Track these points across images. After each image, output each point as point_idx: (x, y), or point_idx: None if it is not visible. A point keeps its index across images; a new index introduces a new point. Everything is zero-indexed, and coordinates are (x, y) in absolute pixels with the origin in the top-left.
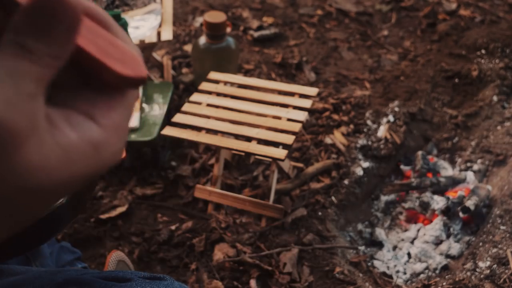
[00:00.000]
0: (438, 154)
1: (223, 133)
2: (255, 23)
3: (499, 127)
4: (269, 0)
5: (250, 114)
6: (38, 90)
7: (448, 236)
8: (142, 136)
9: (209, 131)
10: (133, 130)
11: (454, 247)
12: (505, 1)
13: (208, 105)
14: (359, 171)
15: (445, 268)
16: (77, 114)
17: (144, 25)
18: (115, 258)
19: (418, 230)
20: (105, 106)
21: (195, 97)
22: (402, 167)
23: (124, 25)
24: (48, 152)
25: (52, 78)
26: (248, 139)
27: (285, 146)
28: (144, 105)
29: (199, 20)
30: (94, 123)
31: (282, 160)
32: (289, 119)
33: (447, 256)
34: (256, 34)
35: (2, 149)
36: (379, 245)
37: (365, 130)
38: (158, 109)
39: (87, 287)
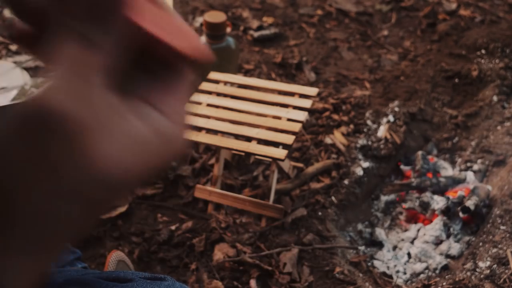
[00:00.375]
0: (438, 154)
1: (223, 133)
2: (255, 23)
3: (499, 127)
4: (269, 0)
5: (250, 114)
6: (102, 80)
7: (448, 236)
8: None
9: (209, 131)
10: None
11: (454, 247)
12: (505, 1)
13: (208, 105)
14: (359, 171)
15: (445, 268)
16: (140, 102)
17: None
18: (115, 258)
19: (418, 230)
20: (166, 93)
21: (195, 97)
22: (402, 167)
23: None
24: (119, 144)
25: (113, 65)
26: (248, 139)
27: (285, 146)
28: None
29: (199, 20)
30: (159, 112)
31: (282, 160)
32: (289, 119)
33: (447, 256)
34: (256, 34)
35: (73, 143)
36: (379, 245)
37: (365, 130)
38: None
39: (88, 287)
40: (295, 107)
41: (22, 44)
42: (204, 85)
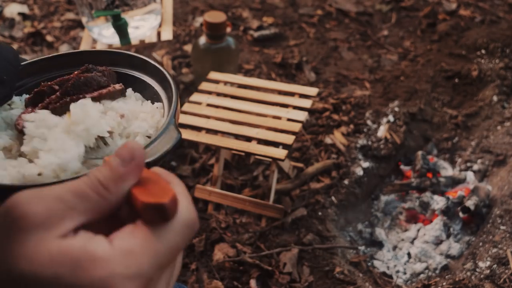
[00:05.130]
0: (438, 154)
1: (223, 133)
2: (255, 23)
3: (499, 127)
4: (269, 0)
5: (250, 114)
6: (83, 210)
7: (448, 236)
8: None
9: (209, 131)
10: None
11: (454, 247)
12: (505, 1)
13: (208, 105)
14: (359, 171)
15: (445, 268)
16: (102, 236)
17: (144, 25)
18: None
19: (418, 230)
20: (128, 233)
21: (195, 97)
22: (402, 167)
23: (124, 25)
24: (46, 248)
25: (105, 209)
26: (248, 139)
27: (285, 146)
28: None
29: (199, 20)
30: (107, 241)
31: (282, 160)
32: (289, 119)
33: (447, 256)
34: (256, 34)
35: (6, 224)
36: (379, 245)
37: (365, 130)
38: None
39: None
40: (295, 107)
41: None
42: (204, 85)
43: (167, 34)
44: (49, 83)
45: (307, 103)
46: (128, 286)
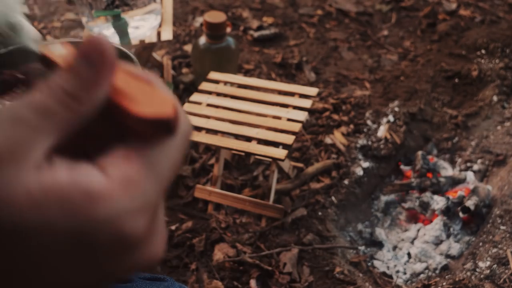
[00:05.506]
0: (438, 154)
1: (223, 133)
2: (255, 23)
3: (499, 127)
4: (269, 0)
5: (250, 114)
6: (51, 129)
7: (448, 236)
8: None
9: (209, 131)
10: None
11: (454, 247)
12: (505, 1)
13: (208, 105)
14: (359, 171)
15: (445, 268)
16: (88, 163)
17: (144, 25)
18: None
19: (418, 230)
20: (121, 157)
21: (195, 97)
22: (402, 167)
23: (124, 25)
24: (23, 186)
25: (75, 125)
26: (248, 139)
27: (285, 146)
28: None
29: (199, 20)
30: (100, 171)
31: (282, 160)
32: (289, 119)
33: (447, 256)
34: (256, 34)
35: None
36: (379, 245)
37: (365, 130)
38: None
39: None
40: (295, 107)
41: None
42: (204, 85)
43: (167, 34)
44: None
45: (307, 103)
46: (140, 221)
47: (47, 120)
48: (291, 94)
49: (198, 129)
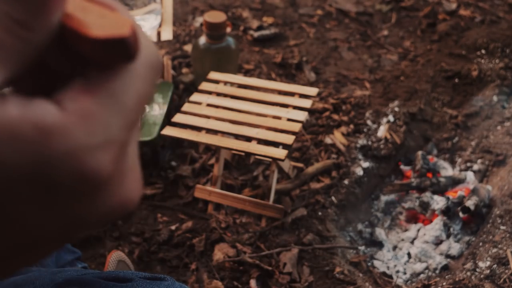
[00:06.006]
0: (438, 154)
1: (223, 133)
2: (255, 23)
3: (499, 127)
4: (269, 0)
5: (250, 114)
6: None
7: (448, 236)
8: (142, 136)
9: (209, 131)
10: None
11: (454, 247)
12: (505, 1)
13: (208, 105)
14: (359, 171)
15: (445, 268)
16: (44, 99)
17: (144, 25)
18: (115, 258)
19: (418, 230)
20: (79, 90)
21: (195, 97)
22: (402, 167)
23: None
24: None
25: (27, 56)
26: (248, 139)
27: (285, 146)
28: None
29: (199, 20)
30: (55, 105)
31: (282, 160)
32: (289, 119)
33: (447, 256)
34: (256, 34)
35: None
36: (379, 245)
37: (365, 130)
38: (158, 109)
39: (88, 287)
40: (295, 107)
41: None
42: (204, 85)
43: (167, 34)
44: None
45: (307, 103)
46: (103, 157)
47: None
48: (291, 94)
49: (198, 129)
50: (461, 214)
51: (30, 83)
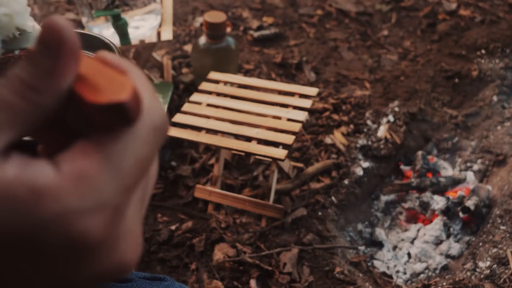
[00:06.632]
0: (438, 154)
1: (223, 133)
2: (255, 23)
3: (499, 127)
4: (269, 0)
5: (250, 114)
6: (7, 122)
7: (448, 236)
8: None
9: (209, 131)
10: None
11: (454, 247)
12: (505, 1)
13: (208, 105)
14: (359, 171)
15: (445, 268)
16: (44, 159)
17: (144, 25)
18: None
19: (418, 230)
20: (78, 152)
21: (195, 97)
22: (402, 167)
23: (124, 25)
24: None
25: (37, 118)
26: (248, 139)
27: (285, 146)
28: None
29: (199, 20)
30: (52, 166)
31: (282, 160)
32: (289, 119)
33: (447, 256)
34: (256, 34)
35: None
36: (379, 245)
37: (365, 130)
38: None
39: None
40: (295, 107)
41: None
42: (204, 85)
43: (167, 34)
44: None
45: (307, 103)
46: (94, 221)
47: (3, 113)
48: (291, 94)
49: (198, 129)
50: (461, 214)
51: (52, 139)
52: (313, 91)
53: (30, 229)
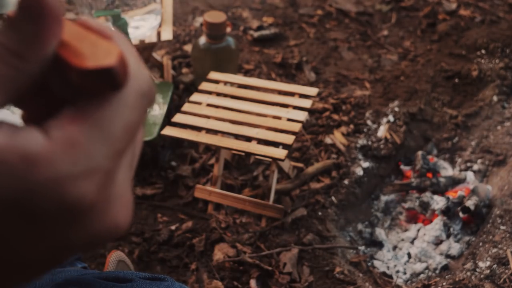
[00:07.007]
0: (438, 154)
1: (223, 133)
2: (255, 23)
3: (499, 127)
4: (269, 0)
5: (250, 114)
6: None
7: (448, 236)
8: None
9: (209, 131)
10: None
11: (454, 247)
12: (505, 1)
13: (208, 105)
14: (359, 171)
15: (445, 268)
16: (33, 127)
17: (144, 25)
18: (115, 258)
19: (418, 230)
20: (67, 119)
21: (195, 97)
22: (402, 167)
23: (124, 25)
24: None
25: (21, 84)
26: (248, 139)
27: (285, 146)
28: None
29: (199, 20)
30: (42, 133)
31: (282, 160)
32: (289, 119)
33: (447, 256)
34: (256, 34)
35: None
36: (379, 245)
37: (365, 130)
38: (158, 109)
39: (88, 287)
40: (295, 107)
41: None
42: (204, 85)
43: (167, 34)
44: None
45: (307, 103)
46: (86, 186)
47: None
48: (291, 94)
49: (198, 129)
50: (461, 214)
51: (36, 107)
52: (313, 91)
53: (24, 194)
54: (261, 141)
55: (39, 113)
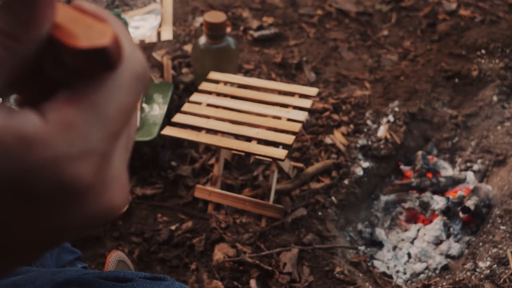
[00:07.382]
0: (438, 154)
1: (223, 133)
2: (255, 23)
3: (499, 127)
4: (269, 0)
5: (250, 114)
6: None
7: (448, 236)
8: (142, 136)
9: (209, 131)
10: None
11: (454, 247)
12: (505, 1)
13: (208, 105)
14: (359, 171)
15: (445, 268)
16: (29, 109)
17: (144, 25)
18: (115, 258)
19: (418, 230)
20: (63, 101)
21: (195, 97)
22: (402, 167)
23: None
24: None
25: (15, 65)
26: (248, 139)
27: (285, 146)
28: (144, 105)
29: (199, 20)
30: (38, 115)
31: (282, 160)
32: (289, 119)
33: (447, 256)
34: (256, 34)
35: None
36: (379, 245)
37: (365, 130)
38: (158, 109)
39: (88, 287)
40: (295, 107)
41: None
42: (204, 85)
43: (167, 34)
44: None
45: (307, 103)
46: (82, 167)
47: None
48: (291, 94)
49: (198, 129)
50: (461, 214)
51: (31, 91)
52: (313, 91)
53: (22, 175)
54: (261, 141)
55: (33, 98)
